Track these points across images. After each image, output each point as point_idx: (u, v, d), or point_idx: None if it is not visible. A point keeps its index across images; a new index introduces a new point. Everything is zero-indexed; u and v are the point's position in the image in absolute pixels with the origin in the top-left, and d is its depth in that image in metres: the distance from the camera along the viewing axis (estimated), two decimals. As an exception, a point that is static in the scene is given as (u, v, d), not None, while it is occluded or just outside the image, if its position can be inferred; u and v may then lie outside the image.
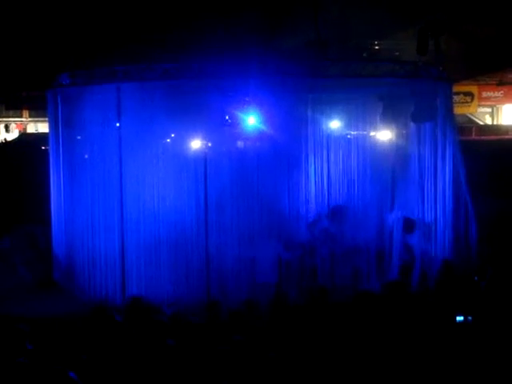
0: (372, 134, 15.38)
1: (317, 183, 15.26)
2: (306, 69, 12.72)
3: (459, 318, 8.55)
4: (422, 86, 13.40)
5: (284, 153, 14.37)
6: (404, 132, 14.39)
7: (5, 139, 36.83)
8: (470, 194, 13.50)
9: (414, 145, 13.89)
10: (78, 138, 13.82)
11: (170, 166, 13.61)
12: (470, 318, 8.54)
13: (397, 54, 27.98)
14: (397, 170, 14.24)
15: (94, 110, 12.96)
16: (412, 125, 13.82)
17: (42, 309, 12.02)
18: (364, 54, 28.27)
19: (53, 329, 8.83)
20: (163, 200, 13.43)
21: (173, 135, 14.09)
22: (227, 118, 12.76)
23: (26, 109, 39.41)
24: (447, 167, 13.90)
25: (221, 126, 13.26)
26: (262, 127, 13.42)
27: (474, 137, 31.25)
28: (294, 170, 14.90)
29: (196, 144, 14.03)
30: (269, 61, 12.57)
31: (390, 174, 14.33)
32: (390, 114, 14.08)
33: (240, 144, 14.45)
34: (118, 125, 13.19)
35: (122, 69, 12.65)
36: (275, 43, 14.59)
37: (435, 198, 14.09)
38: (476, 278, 11.55)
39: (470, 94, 37.20)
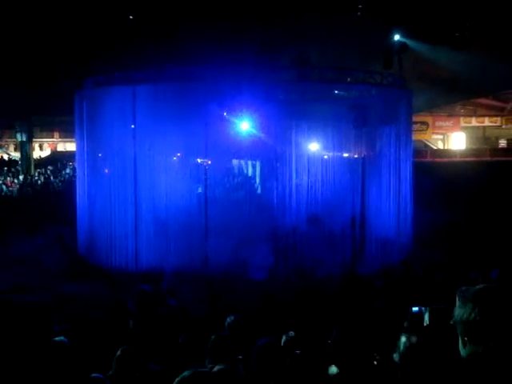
0: (344, 139, 15.07)
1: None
2: (291, 75, 12.52)
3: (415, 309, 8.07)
4: (388, 93, 13.29)
5: (272, 151, 14.05)
6: (371, 136, 14.14)
7: (40, 156, 36.92)
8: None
9: (380, 145, 13.75)
10: (99, 133, 13.58)
11: (177, 159, 13.40)
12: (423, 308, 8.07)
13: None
14: (365, 166, 14.03)
15: (113, 110, 12.76)
16: (378, 128, 13.66)
17: (66, 293, 11.65)
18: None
19: (76, 313, 8.55)
20: (170, 186, 13.18)
21: (178, 132, 13.78)
22: (225, 114, 12.50)
23: (56, 131, 39.39)
24: (408, 162, 13.77)
25: (219, 125, 13.02)
26: (253, 130, 13.20)
27: (428, 159, 31.53)
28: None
29: (198, 140, 13.69)
30: (261, 70, 12.35)
31: (359, 168, 14.09)
32: (361, 121, 13.87)
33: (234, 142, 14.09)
34: (132, 127, 13.02)
35: (136, 73, 12.51)
36: (266, 59, 14.31)
37: (398, 194, 13.97)
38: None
39: (425, 123, 37.37)
